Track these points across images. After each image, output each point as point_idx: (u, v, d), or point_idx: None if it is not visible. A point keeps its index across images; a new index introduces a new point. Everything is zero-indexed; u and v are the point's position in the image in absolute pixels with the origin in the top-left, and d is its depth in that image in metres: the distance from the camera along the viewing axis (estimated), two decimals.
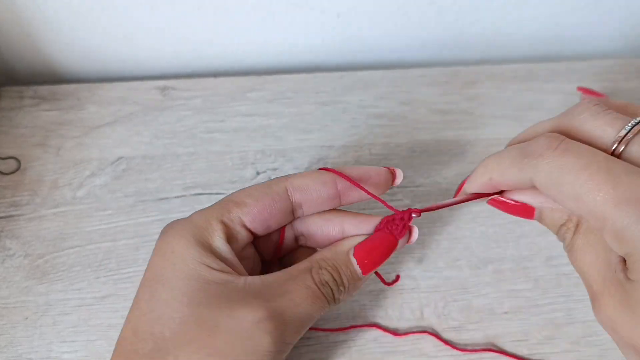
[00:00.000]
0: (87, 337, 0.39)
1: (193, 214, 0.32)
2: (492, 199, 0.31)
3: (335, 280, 0.31)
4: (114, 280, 0.41)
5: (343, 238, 0.33)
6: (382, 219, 0.33)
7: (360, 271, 0.31)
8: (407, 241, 0.33)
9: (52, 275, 0.41)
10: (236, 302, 0.28)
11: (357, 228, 0.33)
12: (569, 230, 0.28)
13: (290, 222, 0.34)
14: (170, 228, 0.31)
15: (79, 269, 0.41)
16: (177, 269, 0.29)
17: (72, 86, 0.51)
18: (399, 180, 0.34)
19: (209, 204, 0.44)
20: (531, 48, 0.57)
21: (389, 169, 0.34)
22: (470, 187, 0.31)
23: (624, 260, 0.25)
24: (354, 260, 0.31)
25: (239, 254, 0.31)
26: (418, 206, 0.33)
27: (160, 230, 0.43)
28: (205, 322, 0.28)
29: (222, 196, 0.44)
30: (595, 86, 0.51)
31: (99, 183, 0.45)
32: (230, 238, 0.31)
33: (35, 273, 0.41)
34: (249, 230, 0.32)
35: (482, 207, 0.45)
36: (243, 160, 0.47)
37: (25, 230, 0.43)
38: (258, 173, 0.46)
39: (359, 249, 0.32)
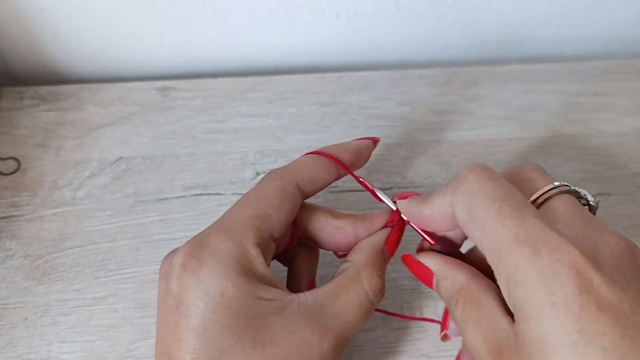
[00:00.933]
0: (87, 337, 0.39)
1: (212, 237, 0.29)
2: (404, 256, 0.32)
3: (382, 281, 0.30)
4: (114, 280, 0.41)
5: (363, 238, 0.32)
6: (390, 212, 0.33)
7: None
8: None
9: (51, 275, 0.41)
10: (298, 334, 0.27)
11: (369, 229, 0.33)
12: (458, 302, 0.28)
13: (295, 219, 0.33)
14: (191, 256, 0.28)
15: (78, 269, 0.41)
16: (234, 313, 0.26)
17: (72, 87, 0.51)
18: (377, 144, 0.36)
19: (209, 205, 0.44)
20: (531, 48, 0.57)
21: (373, 140, 0.35)
22: (405, 214, 0.32)
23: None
24: (387, 253, 0.32)
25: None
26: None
27: (160, 231, 0.43)
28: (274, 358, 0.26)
29: (221, 197, 0.45)
30: (595, 87, 0.52)
31: (98, 183, 0.45)
32: (265, 257, 0.29)
33: (35, 273, 0.41)
34: (274, 240, 0.31)
35: None
36: (243, 161, 0.47)
37: (25, 231, 0.43)
38: (258, 174, 0.46)
39: (389, 243, 0.32)
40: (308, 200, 0.34)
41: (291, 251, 0.34)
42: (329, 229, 0.32)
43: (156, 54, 0.54)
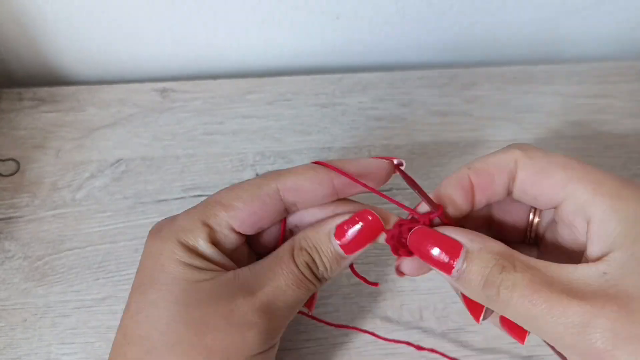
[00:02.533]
0: (86, 339, 0.39)
1: (180, 213, 0.31)
2: (416, 231, 0.29)
3: (315, 261, 0.30)
4: (113, 282, 0.41)
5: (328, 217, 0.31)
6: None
7: (343, 251, 0.30)
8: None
9: (51, 277, 0.41)
10: (224, 298, 0.28)
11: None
12: (505, 268, 0.25)
13: (283, 219, 0.33)
14: (157, 230, 0.31)
15: (78, 270, 0.41)
16: (164, 271, 0.29)
17: (72, 88, 0.51)
18: (403, 166, 0.32)
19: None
20: (530, 50, 0.57)
21: (390, 159, 0.32)
22: (446, 188, 0.29)
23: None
24: (334, 240, 0.30)
25: (230, 255, 0.31)
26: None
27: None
28: (193, 321, 0.28)
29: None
30: (594, 88, 0.52)
31: (98, 185, 0.45)
32: (216, 241, 0.30)
33: (35, 275, 0.41)
34: (239, 233, 0.31)
35: None
36: (242, 162, 0.47)
37: (24, 232, 0.43)
38: (257, 175, 0.46)
39: (341, 229, 0.30)
40: None
41: None
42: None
43: (156, 56, 0.54)
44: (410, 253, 0.30)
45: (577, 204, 0.26)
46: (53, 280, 0.41)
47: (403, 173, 0.31)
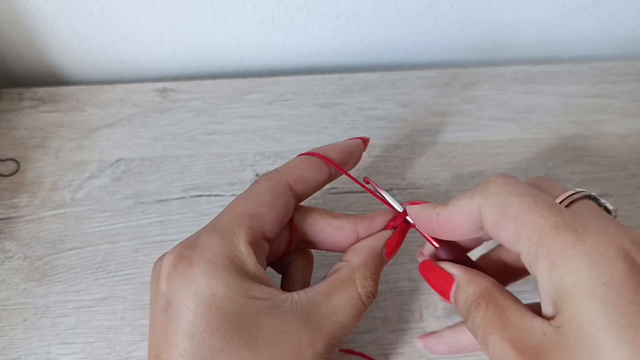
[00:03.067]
0: (86, 339, 0.39)
1: (203, 237, 0.28)
2: (423, 263, 0.31)
3: (376, 284, 0.30)
4: (113, 282, 0.41)
5: (364, 238, 0.32)
6: (391, 212, 0.33)
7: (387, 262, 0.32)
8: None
9: (51, 277, 0.41)
10: (291, 334, 0.27)
11: (370, 229, 0.33)
12: (480, 305, 0.27)
13: (292, 218, 0.32)
14: (182, 258, 0.27)
15: (78, 270, 0.41)
16: (225, 313, 0.26)
17: (72, 88, 0.51)
18: (367, 145, 0.36)
19: (208, 206, 0.44)
20: (530, 50, 0.57)
21: (363, 139, 0.36)
22: (415, 218, 0.32)
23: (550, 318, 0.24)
24: (385, 258, 0.32)
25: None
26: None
27: (159, 232, 0.43)
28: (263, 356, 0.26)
29: (221, 198, 0.45)
30: (594, 88, 0.52)
31: (98, 185, 0.45)
32: (258, 256, 0.29)
33: (35, 275, 0.41)
34: (267, 240, 0.30)
35: None
36: (242, 162, 0.47)
37: (24, 232, 0.43)
38: (257, 175, 0.46)
39: (389, 246, 0.32)
40: (306, 203, 0.34)
41: (286, 257, 0.34)
42: (328, 230, 0.32)
43: (156, 56, 0.54)
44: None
45: (527, 263, 0.26)
46: (53, 280, 0.41)
47: (371, 186, 0.34)
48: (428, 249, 0.33)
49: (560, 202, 0.27)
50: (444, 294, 0.30)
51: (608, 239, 0.22)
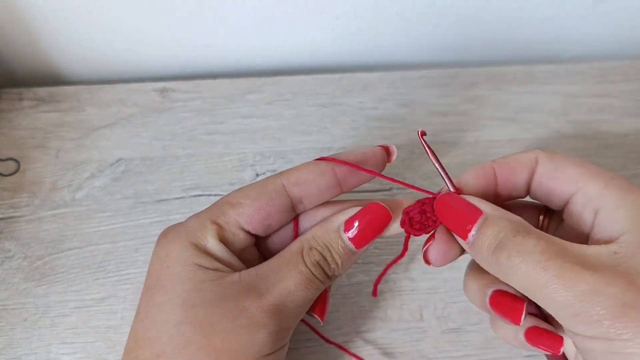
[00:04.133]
0: (86, 338, 0.39)
1: (189, 217, 0.32)
2: (444, 195, 0.30)
3: (326, 259, 0.30)
4: (113, 282, 0.41)
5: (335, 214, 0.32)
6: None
7: (353, 246, 0.30)
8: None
9: (51, 277, 0.41)
10: (231, 299, 0.28)
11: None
12: (529, 235, 0.26)
13: (295, 219, 0.33)
14: (165, 233, 0.31)
15: (78, 270, 0.41)
16: (171, 272, 0.29)
17: (72, 88, 0.51)
18: (393, 157, 0.34)
19: (208, 205, 0.44)
20: (530, 50, 0.57)
21: (383, 147, 0.33)
22: (469, 175, 0.31)
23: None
24: (344, 236, 0.30)
25: (239, 256, 0.31)
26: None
27: (159, 232, 0.43)
28: (201, 323, 0.28)
29: (221, 197, 0.44)
30: (594, 88, 0.52)
31: (98, 185, 0.45)
32: (225, 239, 0.30)
33: (35, 275, 0.41)
34: (248, 232, 0.31)
35: None
36: (242, 162, 0.47)
37: (24, 232, 0.43)
38: (257, 175, 0.46)
39: (350, 224, 0.30)
40: None
41: None
42: (326, 212, 0.32)
43: (156, 55, 0.54)
44: (423, 231, 0.30)
45: (587, 196, 0.28)
46: (53, 280, 0.41)
47: (427, 145, 0.31)
48: (432, 252, 0.31)
49: None
50: (462, 231, 0.28)
51: None
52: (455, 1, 0.50)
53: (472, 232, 0.27)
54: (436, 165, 0.31)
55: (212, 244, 0.30)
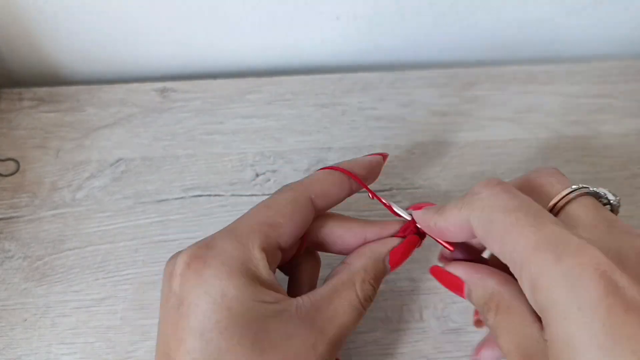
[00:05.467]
0: (86, 339, 0.39)
1: (218, 239, 0.29)
2: (432, 268, 0.32)
3: (375, 289, 0.31)
4: (113, 282, 0.41)
5: (370, 242, 0.32)
6: (403, 222, 0.33)
7: (390, 271, 0.32)
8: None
9: (51, 277, 0.41)
10: (297, 337, 0.27)
11: (379, 234, 0.33)
12: (490, 309, 0.28)
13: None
14: (198, 261, 0.28)
15: (78, 270, 0.41)
16: (234, 314, 0.26)
17: (72, 88, 0.51)
18: (387, 160, 0.37)
19: (208, 206, 0.44)
20: (530, 50, 0.57)
21: (383, 155, 0.36)
22: (420, 223, 0.32)
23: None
24: (388, 266, 0.32)
25: None
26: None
27: (159, 232, 0.43)
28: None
29: (221, 198, 0.45)
30: (594, 88, 0.52)
31: (98, 185, 0.45)
32: (270, 263, 0.29)
33: (34, 275, 0.41)
34: (282, 250, 0.31)
35: None
36: (242, 162, 0.47)
37: (24, 232, 0.43)
38: (257, 175, 0.46)
39: (393, 255, 0.32)
40: None
41: (294, 260, 0.34)
42: (337, 232, 0.33)
43: (155, 55, 0.54)
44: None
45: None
46: (53, 280, 0.41)
47: (376, 196, 0.34)
48: (445, 251, 0.33)
49: (554, 205, 0.27)
50: (460, 294, 0.30)
51: (585, 260, 0.22)
52: (455, 1, 0.50)
53: (466, 296, 0.30)
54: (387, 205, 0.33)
55: (266, 273, 0.28)
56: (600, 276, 0.21)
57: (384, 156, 0.36)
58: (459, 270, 0.30)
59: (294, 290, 0.34)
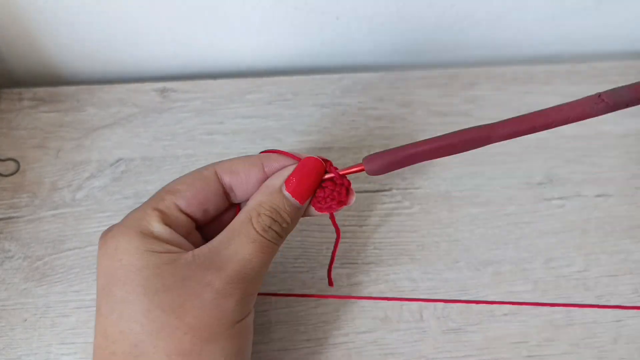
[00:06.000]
0: (86, 339, 0.39)
1: (127, 214, 0.32)
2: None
3: (276, 220, 0.31)
4: None
5: (269, 177, 0.33)
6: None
7: (298, 202, 0.32)
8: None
9: (51, 277, 0.41)
10: (192, 278, 0.29)
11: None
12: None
13: (231, 208, 0.35)
14: (107, 231, 0.32)
15: (78, 270, 0.41)
16: (124, 264, 0.29)
17: (72, 88, 0.51)
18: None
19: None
20: (531, 50, 0.57)
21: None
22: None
23: None
24: (288, 195, 0.32)
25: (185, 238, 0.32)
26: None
27: None
28: (170, 305, 0.28)
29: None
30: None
31: (98, 185, 0.45)
32: (169, 223, 0.31)
33: (35, 275, 0.41)
34: (188, 215, 0.32)
35: (482, 208, 0.45)
36: None
37: (24, 232, 0.43)
38: None
39: (289, 182, 0.32)
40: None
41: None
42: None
43: (156, 56, 0.54)
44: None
45: None
46: (53, 280, 0.41)
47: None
48: None
49: None
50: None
51: None
52: (455, 1, 0.50)
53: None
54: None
55: (158, 228, 0.31)
56: None
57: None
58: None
59: None
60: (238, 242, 0.30)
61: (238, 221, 0.31)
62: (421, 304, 0.40)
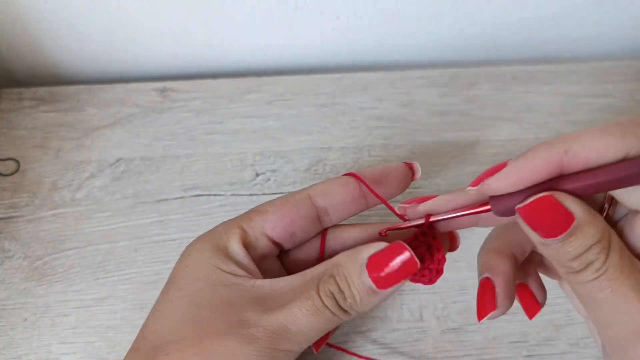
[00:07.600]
0: (86, 338, 0.39)
1: (220, 223, 0.32)
2: (521, 207, 0.26)
3: (342, 291, 0.27)
4: (113, 281, 0.41)
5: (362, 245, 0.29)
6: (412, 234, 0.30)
7: (375, 285, 0.27)
8: (450, 248, 0.33)
9: (51, 276, 0.41)
10: (236, 307, 0.28)
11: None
12: (604, 249, 0.24)
13: (323, 234, 0.33)
14: (195, 239, 0.32)
15: (77, 270, 0.41)
16: (188, 271, 0.30)
17: (72, 88, 0.51)
18: (418, 174, 0.33)
19: (208, 206, 0.44)
20: (531, 50, 0.57)
21: (407, 164, 0.33)
22: (521, 167, 0.27)
23: None
24: (366, 273, 0.27)
25: (258, 264, 0.31)
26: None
27: (159, 232, 0.43)
28: (200, 323, 0.28)
29: (221, 197, 0.45)
30: (594, 88, 0.52)
31: (98, 185, 0.45)
32: (248, 244, 0.31)
33: (34, 274, 0.41)
34: (272, 241, 0.31)
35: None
36: (242, 162, 0.47)
37: (24, 232, 0.43)
38: (257, 174, 0.46)
39: (373, 260, 0.28)
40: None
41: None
42: (354, 234, 0.32)
43: (156, 55, 0.54)
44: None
45: None
46: (53, 280, 0.41)
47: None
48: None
49: None
50: (551, 234, 0.24)
51: None
52: (455, 1, 0.50)
53: (559, 241, 0.24)
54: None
55: (234, 247, 0.30)
56: None
57: (409, 165, 0.33)
58: (574, 205, 0.25)
59: None
60: (297, 292, 0.28)
61: (312, 271, 0.29)
62: (421, 303, 0.40)
